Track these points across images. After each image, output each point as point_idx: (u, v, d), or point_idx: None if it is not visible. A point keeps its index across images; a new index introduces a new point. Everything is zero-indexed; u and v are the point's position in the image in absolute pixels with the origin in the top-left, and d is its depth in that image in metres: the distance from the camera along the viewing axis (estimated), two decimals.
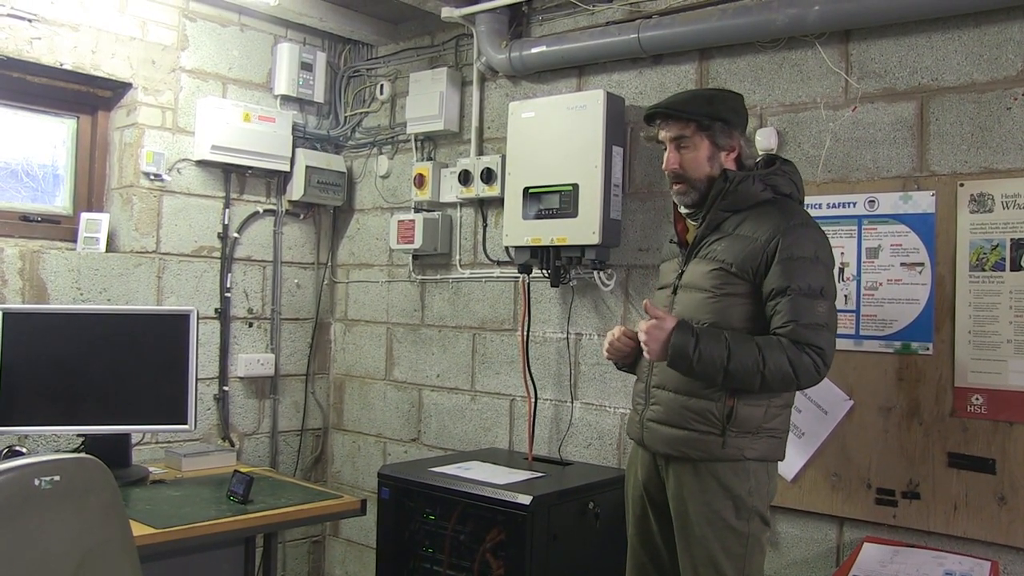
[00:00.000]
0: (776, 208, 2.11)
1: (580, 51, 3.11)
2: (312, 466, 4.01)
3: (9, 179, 3.26)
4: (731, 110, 2.18)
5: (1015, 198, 2.32)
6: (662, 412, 2.15)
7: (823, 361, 2.00)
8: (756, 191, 2.12)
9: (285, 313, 3.87)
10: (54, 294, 3.13)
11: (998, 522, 2.31)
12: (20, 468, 1.69)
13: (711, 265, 2.11)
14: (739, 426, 2.06)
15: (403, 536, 2.83)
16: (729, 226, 2.13)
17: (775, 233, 2.04)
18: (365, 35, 3.86)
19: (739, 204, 2.13)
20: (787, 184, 2.16)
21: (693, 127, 2.14)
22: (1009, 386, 2.31)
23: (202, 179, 3.56)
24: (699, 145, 2.15)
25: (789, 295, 2.01)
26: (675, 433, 2.11)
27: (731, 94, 2.28)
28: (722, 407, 2.06)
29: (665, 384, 2.15)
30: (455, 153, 3.62)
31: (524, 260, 3.17)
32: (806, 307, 2.00)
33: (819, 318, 2.01)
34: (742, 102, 2.25)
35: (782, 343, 1.99)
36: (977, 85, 2.42)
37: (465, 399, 3.56)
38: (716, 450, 2.06)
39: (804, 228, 2.08)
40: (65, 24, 3.15)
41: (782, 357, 1.97)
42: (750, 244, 2.06)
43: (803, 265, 2.02)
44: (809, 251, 2.04)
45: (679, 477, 2.13)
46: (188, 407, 2.97)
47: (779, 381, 1.99)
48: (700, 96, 2.24)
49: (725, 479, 2.07)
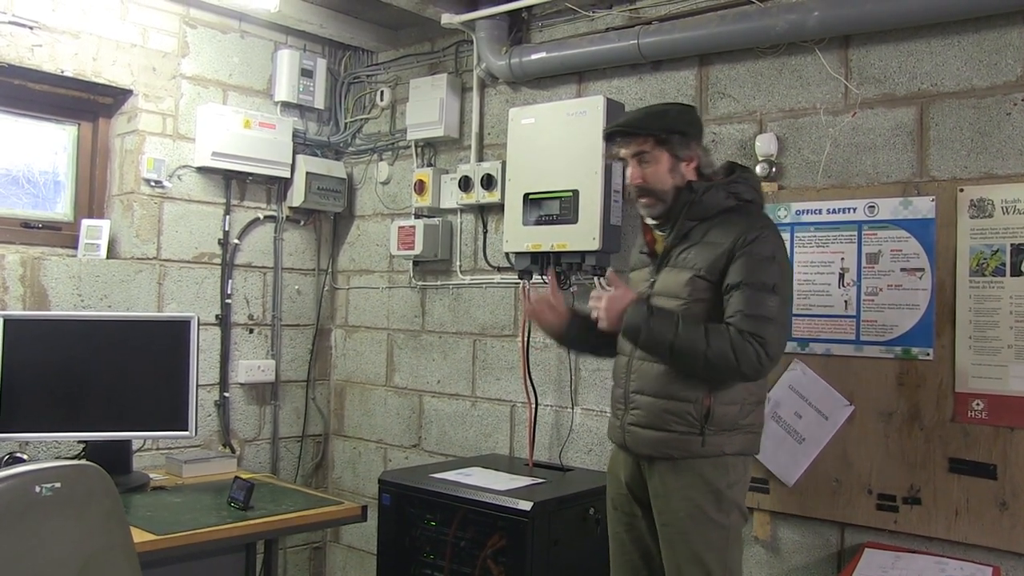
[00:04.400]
0: (740, 214, 2.21)
1: (580, 57, 3.12)
2: (313, 472, 4.01)
3: (10, 186, 3.26)
4: (686, 122, 2.26)
5: (1015, 203, 2.32)
6: (642, 416, 2.21)
7: (766, 352, 2.06)
8: (720, 199, 2.21)
9: (286, 319, 3.87)
10: (55, 301, 3.13)
11: (999, 527, 2.31)
12: (21, 475, 1.70)
13: (687, 274, 2.18)
14: (716, 424, 2.14)
15: (404, 542, 2.83)
16: (697, 234, 2.21)
17: (739, 236, 2.13)
18: (365, 41, 3.86)
19: (705, 213, 2.21)
20: (748, 191, 2.25)
21: (651, 142, 2.22)
22: (1010, 391, 2.31)
23: (203, 185, 3.56)
24: (659, 158, 2.22)
25: (741, 288, 2.10)
26: (656, 435, 2.17)
27: (683, 107, 2.38)
28: (699, 408, 2.13)
29: (644, 389, 2.21)
30: (455, 159, 3.62)
31: (524, 266, 3.17)
32: (756, 300, 2.09)
33: (767, 311, 2.08)
34: (695, 113, 2.35)
35: (728, 331, 2.08)
36: (977, 90, 2.42)
37: (466, 405, 3.55)
38: (696, 448, 2.14)
39: (766, 230, 2.17)
40: (66, 31, 3.15)
41: (725, 343, 2.06)
42: (717, 248, 2.15)
43: (759, 263, 2.11)
44: (767, 251, 2.13)
45: (661, 475, 2.19)
46: (189, 413, 2.98)
47: (722, 365, 2.07)
48: (653, 112, 2.32)
49: (705, 473, 2.14)
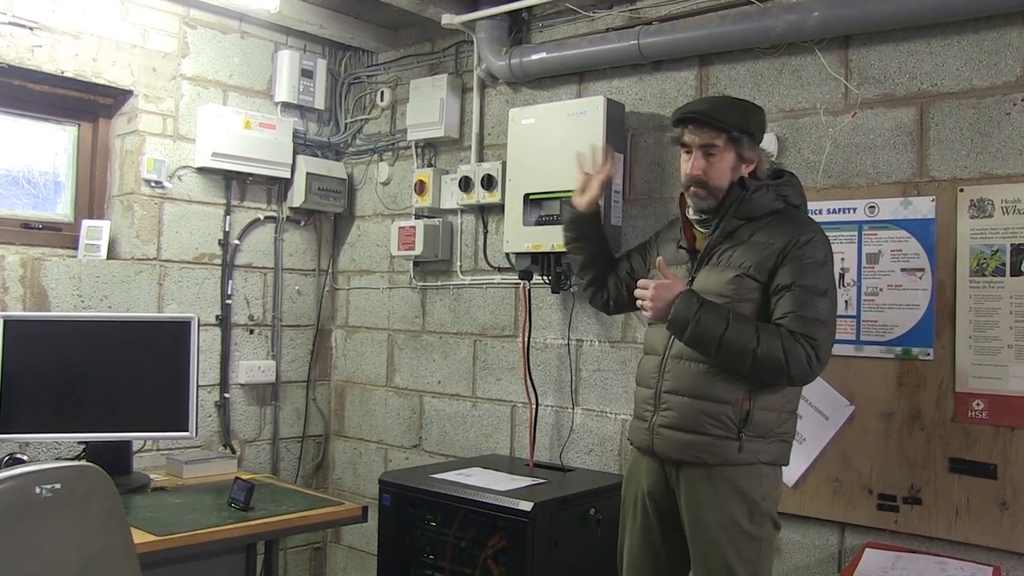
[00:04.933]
0: (789, 218, 2.17)
1: (580, 57, 3.12)
2: (313, 473, 4.01)
3: (10, 186, 3.26)
4: (758, 124, 2.22)
5: (1015, 203, 2.32)
6: (676, 417, 2.14)
7: (816, 355, 2.02)
8: (769, 201, 2.17)
9: (286, 320, 3.87)
10: (55, 301, 3.13)
11: (1000, 527, 2.31)
12: (21, 476, 1.69)
13: (731, 272, 2.12)
14: (754, 430, 2.08)
15: (404, 543, 2.83)
16: (743, 234, 2.16)
17: (791, 239, 2.09)
18: (365, 42, 3.86)
19: (753, 213, 2.16)
20: (796, 195, 2.23)
21: (724, 138, 2.15)
22: (1010, 391, 2.31)
23: (203, 186, 3.56)
24: (726, 156, 2.16)
25: (793, 290, 2.06)
26: (690, 438, 2.10)
27: (756, 107, 2.28)
28: (738, 410, 2.07)
29: (679, 389, 2.14)
30: (456, 159, 3.62)
31: (525, 266, 3.17)
32: (808, 301, 2.05)
33: (820, 314, 2.05)
34: (764, 116, 2.28)
35: (780, 330, 2.04)
36: (976, 90, 2.42)
37: (466, 405, 3.55)
38: (732, 454, 2.07)
39: (817, 235, 2.13)
40: (66, 32, 3.16)
41: (776, 342, 2.01)
42: (767, 249, 2.11)
43: (812, 267, 2.08)
44: (819, 255, 2.10)
45: (691, 484, 2.13)
46: (189, 414, 2.98)
47: (770, 365, 2.02)
48: (737, 107, 2.23)
49: (739, 483, 2.08)
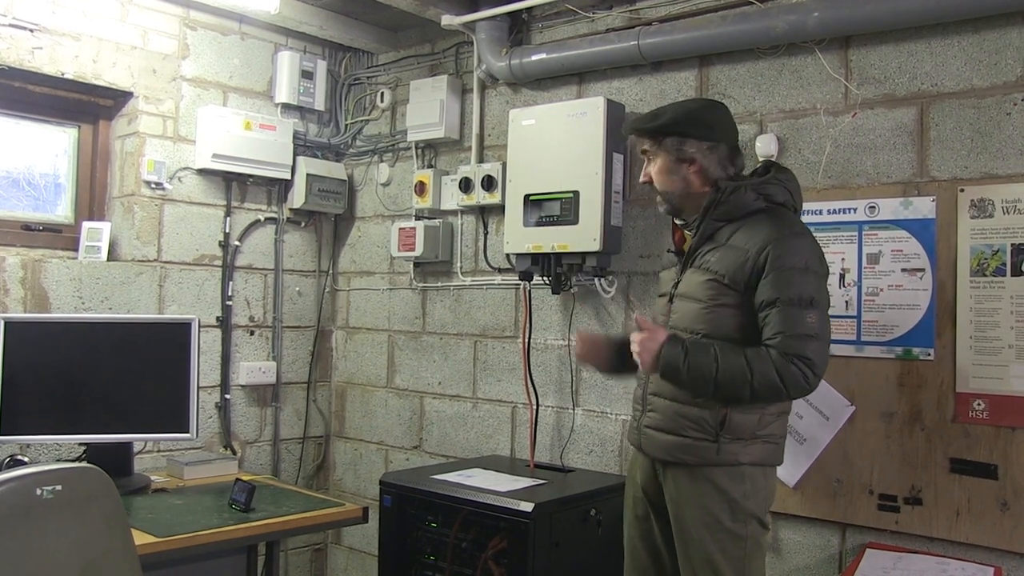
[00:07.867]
0: (768, 218, 2.10)
1: (580, 58, 3.12)
2: (314, 474, 4.01)
3: (11, 188, 3.27)
4: (692, 121, 2.17)
5: (1015, 203, 2.32)
6: (659, 419, 2.17)
7: (812, 372, 1.99)
8: (748, 201, 2.12)
9: (286, 321, 3.87)
10: (56, 303, 3.13)
11: (1001, 528, 2.30)
12: (22, 478, 1.70)
13: (705, 276, 2.11)
14: (732, 432, 2.08)
15: (405, 544, 2.83)
16: (723, 236, 2.13)
17: (766, 243, 2.03)
18: (365, 43, 3.86)
19: (732, 214, 2.12)
20: (781, 193, 2.15)
21: (650, 142, 2.21)
22: (1011, 391, 2.31)
23: (203, 187, 3.56)
24: (658, 159, 2.21)
25: (778, 306, 2.00)
26: (671, 439, 2.13)
27: (697, 107, 2.26)
28: (716, 415, 2.07)
29: (661, 392, 2.17)
30: (456, 160, 3.62)
31: (525, 267, 3.17)
32: (795, 318, 1.99)
33: (808, 328, 2.00)
34: (712, 114, 2.22)
35: (770, 354, 1.99)
36: (977, 90, 2.42)
37: (467, 406, 3.55)
38: (711, 456, 2.08)
39: (795, 238, 2.06)
40: (66, 34, 3.16)
41: (770, 369, 1.98)
42: (741, 255, 2.06)
43: (793, 275, 2.01)
44: (800, 261, 2.03)
45: (676, 481, 2.15)
46: (190, 415, 2.98)
47: (768, 392, 2.00)
48: (668, 109, 2.24)
49: (720, 482, 2.09)
